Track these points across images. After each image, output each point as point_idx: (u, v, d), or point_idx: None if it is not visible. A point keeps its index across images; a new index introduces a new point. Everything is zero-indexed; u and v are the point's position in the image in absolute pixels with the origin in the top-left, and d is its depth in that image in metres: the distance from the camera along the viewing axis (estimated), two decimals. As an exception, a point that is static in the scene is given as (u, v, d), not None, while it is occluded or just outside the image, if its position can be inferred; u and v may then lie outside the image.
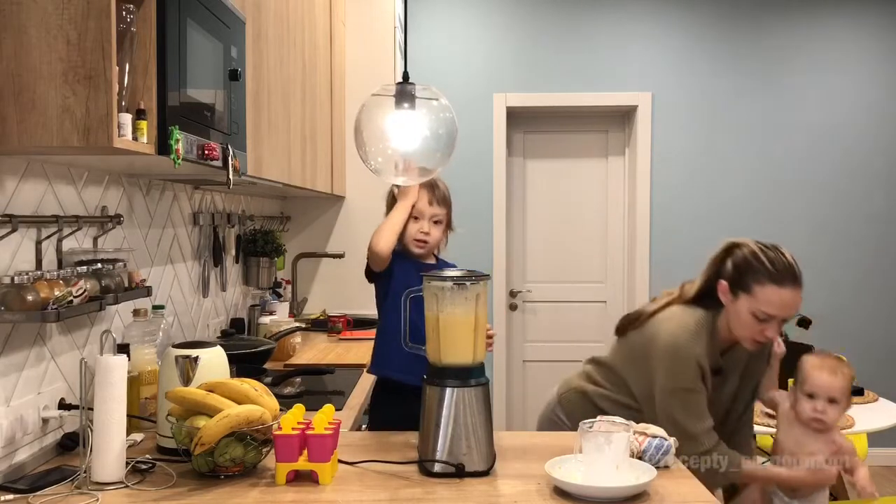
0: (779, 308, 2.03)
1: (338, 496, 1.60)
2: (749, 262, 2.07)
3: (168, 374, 1.80)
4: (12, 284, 1.56)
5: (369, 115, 1.93)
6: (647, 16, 4.96)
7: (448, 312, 1.76)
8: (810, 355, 2.22)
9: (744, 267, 2.07)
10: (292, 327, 3.15)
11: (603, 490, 1.59)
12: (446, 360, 1.77)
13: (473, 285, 1.76)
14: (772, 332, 2.07)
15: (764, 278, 2.03)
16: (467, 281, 1.76)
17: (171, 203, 2.59)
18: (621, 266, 5.17)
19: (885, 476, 4.77)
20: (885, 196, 5.05)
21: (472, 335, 1.76)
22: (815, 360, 2.18)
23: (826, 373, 2.14)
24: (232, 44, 2.03)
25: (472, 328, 1.76)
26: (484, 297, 1.79)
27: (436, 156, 1.92)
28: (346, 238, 4.25)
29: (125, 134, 1.49)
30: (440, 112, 1.93)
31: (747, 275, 2.06)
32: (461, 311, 1.76)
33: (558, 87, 4.96)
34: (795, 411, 2.17)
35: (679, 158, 5.00)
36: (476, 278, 1.77)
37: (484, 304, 1.79)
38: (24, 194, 1.73)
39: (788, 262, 2.05)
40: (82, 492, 1.57)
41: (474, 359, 1.77)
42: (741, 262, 2.09)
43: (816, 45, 4.99)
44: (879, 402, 3.30)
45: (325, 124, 3.67)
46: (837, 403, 2.13)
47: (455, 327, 1.76)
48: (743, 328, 2.08)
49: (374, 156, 1.92)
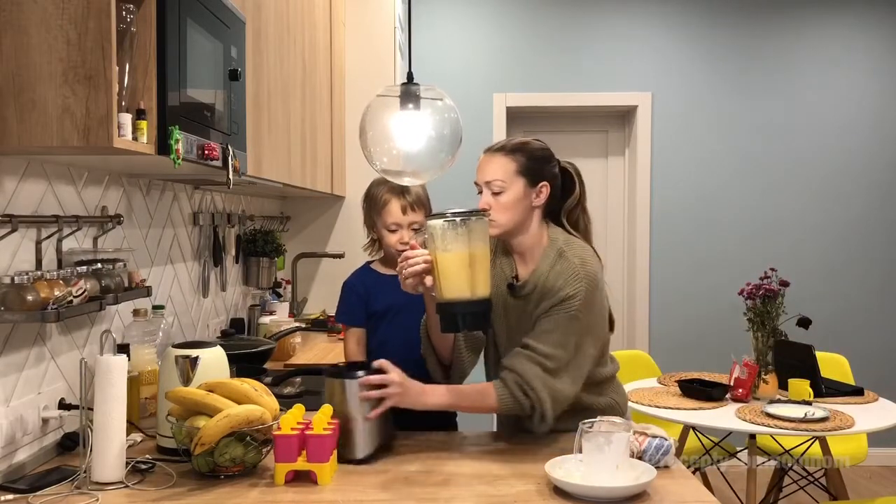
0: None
1: (337, 496, 1.60)
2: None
3: (168, 374, 1.80)
4: (12, 284, 1.56)
5: (374, 115, 1.93)
6: (647, 16, 4.96)
7: (443, 249, 1.81)
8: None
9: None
10: (292, 327, 3.15)
11: (603, 490, 1.59)
12: (448, 295, 1.82)
13: (466, 222, 1.81)
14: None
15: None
16: (458, 218, 1.81)
17: (171, 203, 2.59)
18: (621, 265, 5.17)
19: (885, 476, 4.77)
20: (885, 196, 5.05)
21: (467, 271, 1.80)
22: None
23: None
24: (232, 44, 2.03)
25: (466, 264, 1.80)
26: (479, 234, 1.82)
27: (440, 156, 1.92)
28: (346, 238, 4.24)
29: (125, 134, 1.49)
30: (445, 112, 1.93)
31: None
32: (455, 246, 1.80)
33: (558, 87, 4.96)
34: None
35: (679, 158, 5.00)
36: (468, 214, 1.82)
37: (480, 240, 1.82)
38: (24, 194, 1.73)
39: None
40: (82, 492, 1.58)
41: (472, 293, 1.80)
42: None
43: (817, 44, 4.99)
44: (879, 402, 3.30)
45: (325, 124, 3.67)
46: None
47: (451, 264, 1.81)
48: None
49: (380, 156, 1.93)
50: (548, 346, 1.90)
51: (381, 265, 2.33)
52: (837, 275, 5.04)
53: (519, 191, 1.97)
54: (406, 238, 2.19)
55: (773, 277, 3.35)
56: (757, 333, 3.34)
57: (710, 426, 3.08)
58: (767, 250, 4.95)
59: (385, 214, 2.22)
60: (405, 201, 2.21)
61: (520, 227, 2.00)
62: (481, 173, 2.00)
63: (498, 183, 1.96)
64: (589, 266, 1.95)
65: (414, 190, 2.23)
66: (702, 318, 4.97)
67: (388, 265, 2.29)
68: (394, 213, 2.20)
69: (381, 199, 2.22)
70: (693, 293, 5.01)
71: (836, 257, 5.04)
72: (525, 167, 1.98)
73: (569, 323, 1.91)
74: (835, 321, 4.88)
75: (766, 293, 3.32)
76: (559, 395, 1.92)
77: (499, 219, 1.96)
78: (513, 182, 1.97)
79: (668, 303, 5.00)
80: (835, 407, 3.12)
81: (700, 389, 3.26)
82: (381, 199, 2.22)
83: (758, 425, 2.91)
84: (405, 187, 2.19)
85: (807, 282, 4.81)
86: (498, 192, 1.96)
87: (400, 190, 2.20)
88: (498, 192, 1.96)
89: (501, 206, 1.96)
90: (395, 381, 1.86)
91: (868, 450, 3.63)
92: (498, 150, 2.02)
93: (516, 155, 1.99)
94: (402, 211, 2.21)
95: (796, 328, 3.36)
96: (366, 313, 2.27)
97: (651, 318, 5.02)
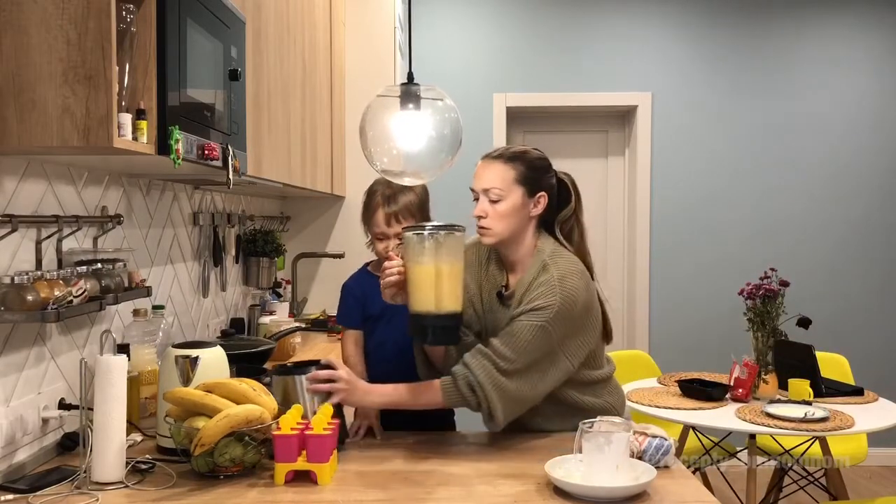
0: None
1: (337, 496, 1.60)
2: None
3: (168, 374, 1.80)
4: (12, 284, 1.56)
5: (374, 115, 1.93)
6: (647, 16, 4.96)
7: (414, 262, 1.83)
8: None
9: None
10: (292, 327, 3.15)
11: (603, 490, 1.59)
12: (415, 307, 1.84)
13: (434, 236, 1.82)
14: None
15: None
16: (425, 231, 1.83)
17: (171, 203, 2.59)
18: (621, 266, 5.17)
19: (885, 476, 4.77)
20: (886, 196, 5.05)
21: (433, 285, 1.81)
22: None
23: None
24: (232, 44, 2.03)
25: (432, 278, 1.81)
26: (449, 249, 1.82)
27: (440, 156, 1.92)
28: (346, 238, 4.24)
29: (125, 134, 1.49)
30: (445, 112, 1.92)
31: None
32: (424, 259, 1.82)
33: (558, 87, 4.95)
34: None
35: (679, 158, 5.00)
36: (441, 228, 1.83)
37: (449, 255, 1.82)
38: (24, 194, 1.73)
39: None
40: (82, 492, 1.58)
41: (438, 307, 1.82)
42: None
43: (817, 44, 4.99)
44: (879, 402, 3.30)
45: (325, 124, 3.67)
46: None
47: (418, 277, 1.83)
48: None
49: (380, 156, 1.92)
50: (507, 348, 1.88)
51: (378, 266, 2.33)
52: (837, 275, 5.04)
53: (517, 200, 1.96)
54: (392, 247, 2.15)
55: (773, 277, 3.35)
56: (757, 333, 3.34)
57: (710, 426, 3.08)
58: (767, 250, 4.95)
59: (372, 223, 2.19)
60: (390, 211, 2.15)
61: (515, 237, 1.99)
62: (479, 180, 1.98)
63: (496, 191, 1.95)
64: (568, 282, 1.91)
65: (404, 199, 2.17)
66: (702, 317, 4.97)
67: (380, 268, 2.29)
68: (379, 222, 2.17)
69: (371, 206, 2.19)
70: (693, 293, 5.01)
71: (836, 257, 5.04)
72: (524, 176, 1.97)
73: (535, 332, 1.87)
74: (835, 321, 4.88)
75: (766, 293, 3.32)
76: (509, 395, 1.88)
77: (495, 227, 1.95)
78: (511, 190, 1.95)
79: (668, 303, 5.00)
80: (835, 407, 3.12)
81: (700, 389, 3.26)
82: (371, 206, 2.19)
83: (758, 425, 2.91)
84: (394, 195, 2.16)
85: (807, 282, 4.81)
86: (496, 199, 1.95)
87: (389, 198, 2.16)
88: (496, 200, 1.95)
89: (498, 215, 1.95)
90: (343, 377, 1.88)
91: (868, 450, 3.63)
92: (496, 157, 2.00)
93: (515, 163, 1.97)
94: (385, 222, 2.16)
95: (796, 328, 3.36)
96: (363, 315, 2.26)
97: (651, 318, 5.02)
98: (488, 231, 1.96)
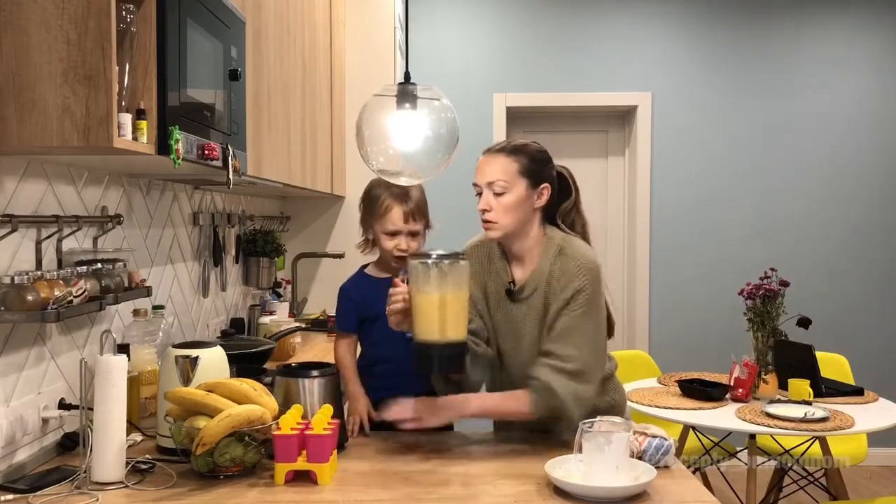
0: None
1: (337, 496, 1.60)
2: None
3: (168, 374, 1.80)
4: (12, 284, 1.56)
5: (371, 115, 1.92)
6: (647, 16, 4.96)
7: (418, 290, 1.82)
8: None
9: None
10: (292, 327, 3.15)
11: (603, 490, 1.59)
12: (420, 336, 1.83)
13: (439, 265, 1.81)
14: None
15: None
16: (430, 260, 1.81)
17: (171, 203, 2.59)
18: (621, 266, 5.17)
19: (885, 476, 4.77)
20: (886, 196, 5.05)
21: (438, 314, 1.80)
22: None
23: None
24: (232, 44, 2.03)
25: (436, 307, 1.80)
26: (453, 278, 1.81)
27: (437, 156, 1.91)
28: (346, 238, 4.24)
29: (125, 134, 1.49)
30: (442, 112, 1.92)
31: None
32: (428, 288, 1.81)
33: (558, 87, 4.95)
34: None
35: (679, 158, 5.00)
36: (446, 258, 1.82)
37: (453, 284, 1.81)
38: (24, 194, 1.73)
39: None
40: (82, 492, 1.58)
41: (442, 336, 1.81)
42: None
43: (817, 44, 4.99)
44: (879, 402, 3.30)
45: (325, 124, 3.67)
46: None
47: (423, 306, 1.82)
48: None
49: (376, 156, 1.92)
50: (568, 347, 1.90)
51: (376, 268, 2.32)
52: (837, 275, 5.04)
53: (521, 192, 1.96)
54: (403, 244, 2.17)
55: (773, 277, 3.35)
56: (757, 333, 3.34)
57: (710, 426, 3.09)
58: (767, 250, 4.95)
59: (386, 220, 2.18)
60: (408, 208, 2.17)
61: (520, 230, 1.99)
62: (481, 174, 1.98)
63: (500, 183, 1.95)
64: (590, 258, 1.96)
65: (415, 196, 2.19)
66: (702, 317, 4.97)
67: (382, 268, 2.28)
68: (395, 219, 2.16)
69: (382, 204, 2.17)
70: (693, 293, 5.01)
71: (836, 257, 5.04)
72: (527, 168, 1.97)
73: (582, 319, 1.91)
74: (835, 321, 4.88)
75: (766, 293, 3.32)
76: (585, 401, 1.91)
77: (501, 220, 1.95)
78: (515, 183, 1.95)
79: (668, 303, 5.00)
80: (835, 407, 3.12)
81: (700, 389, 3.26)
82: (382, 204, 2.17)
83: (758, 425, 2.91)
84: (407, 193, 2.17)
85: (807, 282, 4.81)
86: (500, 192, 1.95)
87: (402, 196, 2.17)
88: (500, 193, 1.95)
89: (503, 208, 1.95)
90: (420, 407, 1.93)
91: (868, 450, 3.63)
92: (498, 150, 2.00)
93: (518, 156, 1.98)
94: (403, 219, 2.16)
95: (796, 328, 3.36)
96: (359, 318, 2.26)
97: (651, 318, 5.02)
98: (494, 225, 1.96)
